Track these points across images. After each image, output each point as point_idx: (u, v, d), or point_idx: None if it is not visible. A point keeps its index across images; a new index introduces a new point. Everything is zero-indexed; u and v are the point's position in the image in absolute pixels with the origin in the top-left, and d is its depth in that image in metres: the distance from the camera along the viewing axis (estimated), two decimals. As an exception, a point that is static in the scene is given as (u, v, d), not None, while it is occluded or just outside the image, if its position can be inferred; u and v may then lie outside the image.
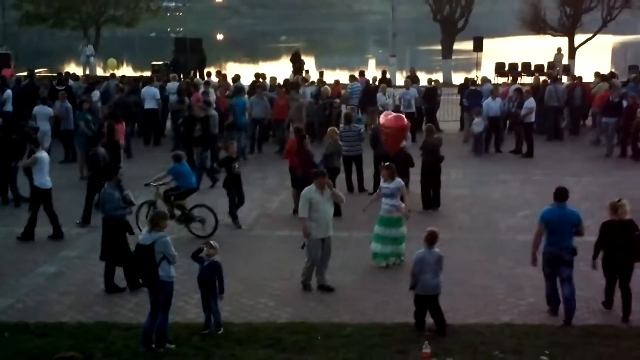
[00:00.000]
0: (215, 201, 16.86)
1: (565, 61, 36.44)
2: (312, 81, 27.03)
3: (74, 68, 42.29)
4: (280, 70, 36.32)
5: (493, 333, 10.27)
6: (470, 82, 25.79)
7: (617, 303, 11.25)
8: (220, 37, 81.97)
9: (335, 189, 12.05)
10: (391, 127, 16.74)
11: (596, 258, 10.96)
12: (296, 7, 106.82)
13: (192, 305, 11.20)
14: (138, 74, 34.56)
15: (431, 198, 16.31)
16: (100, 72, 37.59)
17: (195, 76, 32.41)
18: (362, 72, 28.38)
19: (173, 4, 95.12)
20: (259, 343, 9.97)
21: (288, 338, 10.11)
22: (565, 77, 29.29)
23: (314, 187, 11.77)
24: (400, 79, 31.98)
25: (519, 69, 36.41)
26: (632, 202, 15.71)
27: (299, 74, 29.85)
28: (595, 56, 45.53)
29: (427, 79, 26.77)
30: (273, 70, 34.92)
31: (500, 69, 36.85)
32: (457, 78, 35.60)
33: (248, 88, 24.48)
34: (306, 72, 30.96)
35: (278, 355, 9.62)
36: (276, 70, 35.73)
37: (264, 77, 26.59)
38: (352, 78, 26.70)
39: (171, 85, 25.06)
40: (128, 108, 22.65)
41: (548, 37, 40.21)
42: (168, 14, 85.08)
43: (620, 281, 10.90)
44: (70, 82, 26.01)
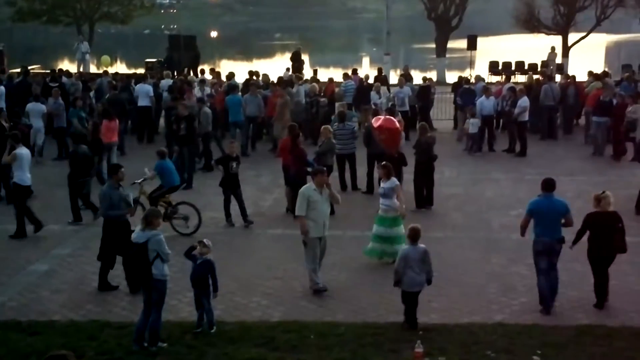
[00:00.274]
0: (212, 200, 16.87)
1: (559, 60, 36.50)
2: (306, 79, 27.00)
3: (68, 65, 42.21)
4: (274, 67, 36.31)
5: (486, 332, 10.28)
6: (464, 81, 25.82)
7: (611, 302, 11.32)
8: (214, 35, 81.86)
9: (333, 190, 12.00)
10: (383, 131, 16.71)
11: (575, 243, 11.33)
12: (290, 5, 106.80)
13: (185, 303, 11.18)
14: (132, 71, 34.49)
15: (424, 197, 16.31)
16: (94, 70, 37.49)
17: (189, 73, 32.35)
18: (355, 70, 28.38)
19: (167, 1, 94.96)
20: (252, 342, 9.95)
21: (281, 337, 10.09)
22: (558, 76, 29.34)
23: (313, 186, 11.72)
24: (394, 77, 31.97)
25: (513, 68, 36.48)
26: (626, 201, 15.89)
27: (299, 73, 29.85)
28: (588, 55, 45.66)
29: (422, 78, 26.77)
30: (267, 67, 34.88)
31: (494, 68, 36.90)
32: (451, 77, 35.64)
33: (242, 86, 24.45)
34: (314, 72, 30.85)
35: (271, 353, 9.60)
36: (270, 68, 35.70)
37: (258, 75, 26.56)
38: (346, 76, 26.71)
39: (165, 82, 25.03)
40: (121, 105, 22.61)
41: (542, 36, 40.28)
42: (162, 11, 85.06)
43: (601, 269, 11.22)
44: (63, 79, 25.95)
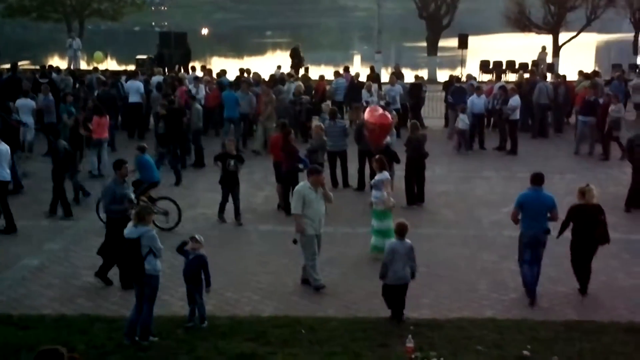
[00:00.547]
0: (202, 196, 16.90)
1: (549, 59, 36.65)
2: (297, 77, 27.01)
3: (58, 61, 42.11)
4: (265, 65, 36.31)
5: (476, 328, 10.33)
6: (455, 80, 25.88)
7: (599, 298, 11.40)
8: (205, 32, 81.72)
9: (326, 189, 12.01)
10: (374, 124, 16.76)
11: (561, 234, 11.63)
12: (282, 3, 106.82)
13: (177, 298, 11.19)
14: (122, 68, 34.41)
15: (415, 194, 16.37)
16: (84, 66, 37.41)
17: (180, 70, 32.32)
18: (347, 68, 28.41)
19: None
20: (243, 336, 9.98)
21: (272, 331, 10.12)
22: (549, 75, 29.46)
23: (308, 184, 11.75)
24: (385, 76, 32.02)
25: (504, 67, 36.60)
26: (615, 199, 16.00)
27: (298, 70, 29.88)
28: (579, 55, 45.84)
29: (414, 76, 26.83)
30: (258, 65, 34.89)
31: (485, 67, 37.02)
32: (442, 75, 35.72)
33: (228, 83, 24.42)
34: (306, 70, 30.86)
35: (262, 348, 9.62)
36: (262, 65, 35.70)
37: (249, 72, 26.56)
38: (337, 74, 26.74)
39: (155, 79, 24.99)
40: (112, 102, 22.57)
41: (533, 35, 40.44)
42: (152, 8, 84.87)
43: (583, 260, 11.53)
44: (53, 75, 25.89)
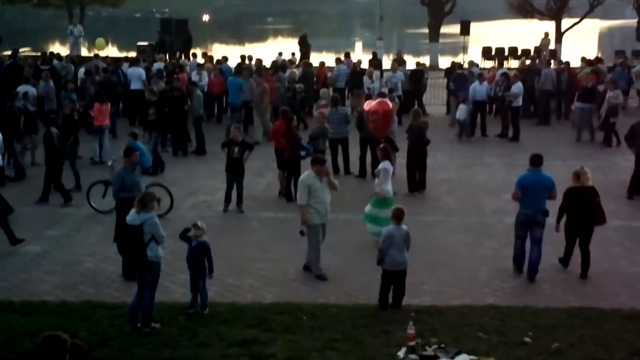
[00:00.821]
0: (203, 183, 16.91)
1: (552, 46, 36.51)
2: (298, 64, 26.93)
3: (59, 47, 42.02)
4: (266, 52, 36.21)
5: (477, 314, 10.34)
6: (457, 66, 25.80)
7: (601, 284, 11.40)
8: (206, 18, 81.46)
9: (331, 178, 11.94)
10: (377, 112, 16.71)
11: (559, 221, 11.78)
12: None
13: (179, 285, 11.21)
14: (123, 55, 34.33)
15: (417, 181, 16.35)
16: (85, 53, 37.31)
17: (181, 57, 32.24)
18: (348, 54, 28.32)
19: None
20: (245, 323, 9.98)
21: (273, 318, 10.13)
22: (552, 62, 29.38)
23: (312, 174, 11.69)
24: (387, 62, 31.93)
25: (506, 53, 36.47)
26: (617, 186, 15.99)
27: (307, 59, 29.86)
28: (582, 41, 45.68)
29: (416, 62, 26.74)
30: (259, 52, 34.79)
31: (487, 53, 36.88)
32: (444, 62, 35.61)
33: (234, 70, 24.41)
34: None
35: (263, 334, 9.63)
36: (262, 52, 35.60)
37: (251, 59, 26.49)
38: (338, 61, 26.64)
39: (157, 65, 24.95)
40: (113, 88, 22.54)
41: (535, 21, 40.28)
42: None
43: (581, 243, 11.75)
44: (54, 62, 25.84)
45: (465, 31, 36.39)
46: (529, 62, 26.32)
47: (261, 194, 16.34)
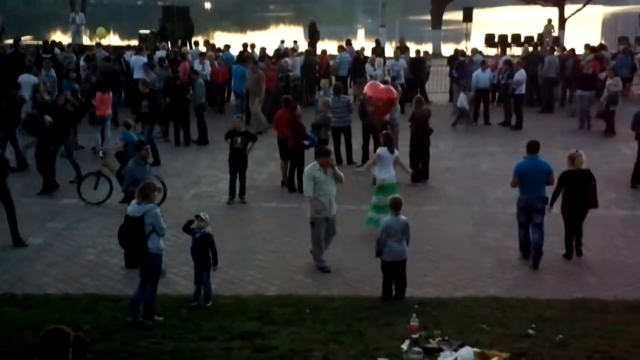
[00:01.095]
0: (205, 173, 16.86)
1: (555, 32, 36.31)
2: (301, 52, 26.81)
3: (60, 36, 41.89)
4: (268, 39, 36.06)
5: (480, 306, 10.30)
6: (460, 54, 25.65)
7: (604, 275, 11.36)
8: (208, 6, 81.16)
9: (336, 170, 11.84)
10: (382, 99, 16.64)
11: (553, 204, 11.92)
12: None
13: (181, 277, 11.19)
14: (125, 43, 34.21)
15: (420, 170, 16.28)
16: (87, 41, 37.18)
17: (184, 45, 32.12)
18: (349, 41, 28.16)
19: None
20: (247, 315, 9.95)
21: (276, 310, 10.10)
22: (555, 49, 29.20)
23: (317, 166, 11.59)
24: (389, 50, 31.77)
25: (509, 40, 36.30)
26: (621, 175, 15.93)
27: (315, 47, 29.76)
28: (585, 27, 45.43)
29: (415, 50, 26.60)
30: (261, 39, 34.64)
31: (490, 40, 36.71)
32: (447, 49, 35.44)
33: (236, 58, 24.30)
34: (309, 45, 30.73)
35: (266, 327, 9.60)
36: (264, 39, 35.46)
37: (253, 47, 26.37)
38: (341, 49, 26.50)
39: (159, 53, 24.86)
40: (115, 77, 22.47)
41: (538, 8, 40.04)
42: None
43: (574, 223, 11.97)
44: (56, 51, 25.74)
45: (467, 18, 36.19)
46: (532, 49, 26.13)
47: (263, 184, 16.29)
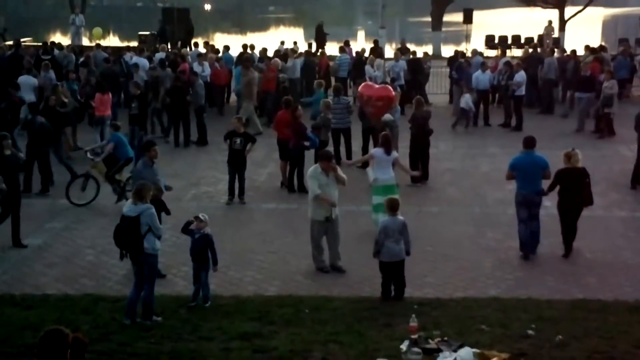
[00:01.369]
0: (205, 174, 16.84)
1: (555, 34, 36.32)
2: (300, 53, 26.80)
3: (60, 37, 41.88)
4: (268, 41, 36.05)
5: (480, 307, 10.27)
6: (460, 55, 25.65)
7: (605, 276, 11.34)
8: (207, 8, 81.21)
9: (338, 172, 11.80)
10: (381, 98, 16.62)
11: (548, 193, 12.19)
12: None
13: (180, 277, 11.16)
14: (124, 44, 34.21)
15: (420, 171, 16.24)
16: (86, 42, 37.16)
17: (183, 47, 32.11)
18: (347, 42, 28.14)
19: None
20: (247, 316, 9.93)
21: (276, 311, 10.07)
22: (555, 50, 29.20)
23: (319, 169, 11.57)
24: (389, 51, 31.77)
25: (509, 42, 36.30)
26: (620, 176, 15.91)
27: (322, 48, 29.76)
28: (585, 29, 45.44)
29: (412, 51, 26.60)
30: (261, 41, 34.62)
31: (490, 42, 36.72)
32: (447, 50, 35.43)
33: (235, 59, 24.30)
34: (309, 46, 30.65)
35: (265, 327, 9.58)
36: (264, 41, 35.45)
37: (253, 48, 26.36)
38: (341, 50, 26.50)
39: (159, 55, 24.86)
40: (115, 78, 22.46)
41: (538, 9, 40.03)
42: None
43: (570, 220, 12.06)
44: (55, 52, 25.74)
45: (468, 19, 36.23)
46: (532, 51, 26.13)
47: (263, 185, 16.27)
